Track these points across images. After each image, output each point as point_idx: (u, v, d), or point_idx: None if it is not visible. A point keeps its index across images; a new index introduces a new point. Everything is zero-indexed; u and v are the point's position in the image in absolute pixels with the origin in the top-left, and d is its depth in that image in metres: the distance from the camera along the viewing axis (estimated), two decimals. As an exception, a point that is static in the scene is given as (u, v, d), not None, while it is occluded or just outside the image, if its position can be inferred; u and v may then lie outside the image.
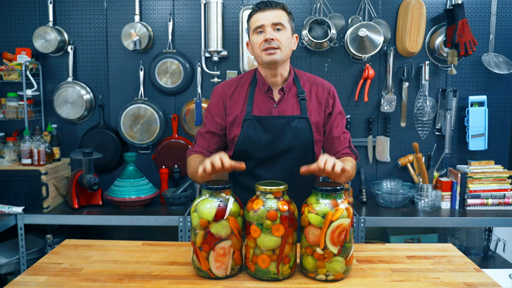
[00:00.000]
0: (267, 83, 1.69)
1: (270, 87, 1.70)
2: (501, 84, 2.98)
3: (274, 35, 1.59)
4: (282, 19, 1.61)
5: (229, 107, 1.72)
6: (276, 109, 1.68)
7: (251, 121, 1.67)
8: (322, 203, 1.31)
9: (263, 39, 1.60)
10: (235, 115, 1.70)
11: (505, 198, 2.75)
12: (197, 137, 1.77)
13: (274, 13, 1.61)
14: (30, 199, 2.67)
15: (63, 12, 2.98)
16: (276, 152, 1.68)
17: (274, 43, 1.59)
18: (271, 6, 1.61)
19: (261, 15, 1.61)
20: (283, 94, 1.69)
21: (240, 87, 1.74)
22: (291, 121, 1.67)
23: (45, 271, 1.41)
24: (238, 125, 1.69)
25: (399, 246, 1.69)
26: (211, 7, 2.87)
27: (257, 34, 1.62)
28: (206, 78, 2.98)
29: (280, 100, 1.69)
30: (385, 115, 2.98)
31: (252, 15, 1.65)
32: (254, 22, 1.63)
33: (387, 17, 2.91)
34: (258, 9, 1.63)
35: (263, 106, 1.69)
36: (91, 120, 3.05)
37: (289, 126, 1.66)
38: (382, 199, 2.81)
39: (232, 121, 1.70)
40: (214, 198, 1.33)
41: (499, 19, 2.92)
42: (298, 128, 1.67)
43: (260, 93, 1.71)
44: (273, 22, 1.60)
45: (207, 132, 1.74)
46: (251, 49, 1.68)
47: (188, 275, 1.38)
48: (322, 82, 1.76)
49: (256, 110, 1.69)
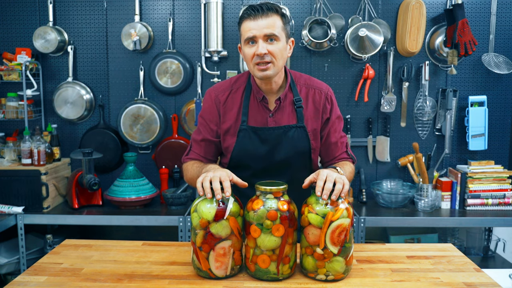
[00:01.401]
0: (262, 92, 1.62)
1: (264, 97, 1.62)
2: (501, 84, 2.98)
3: (267, 47, 1.48)
4: (275, 28, 1.49)
5: (223, 115, 1.65)
6: (272, 119, 1.62)
7: (247, 132, 1.61)
8: (322, 203, 1.31)
9: (255, 52, 1.49)
10: (229, 124, 1.64)
11: (505, 198, 2.75)
12: (193, 144, 1.70)
13: (266, 22, 1.48)
14: (30, 199, 2.67)
15: (63, 12, 2.98)
16: (273, 163, 1.63)
17: (267, 57, 1.49)
18: (263, 13, 1.48)
19: (252, 24, 1.48)
20: (279, 104, 1.62)
21: (234, 93, 1.65)
22: (287, 131, 1.61)
23: (45, 271, 1.41)
24: (233, 134, 1.63)
25: (399, 246, 1.69)
26: (211, 7, 2.87)
27: (248, 45, 1.51)
28: (206, 78, 2.98)
29: (275, 109, 1.62)
30: (385, 115, 2.98)
31: (242, 21, 1.53)
32: (245, 31, 1.51)
33: (387, 17, 2.91)
34: (248, 16, 1.50)
35: (258, 115, 1.62)
36: (91, 120, 3.05)
37: (285, 136, 1.61)
38: (382, 199, 2.81)
39: (227, 130, 1.64)
40: (214, 198, 1.33)
41: (499, 19, 2.92)
42: (295, 137, 1.61)
43: (254, 101, 1.64)
44: (265, 33, 1.48)
45: (202, 140, 1.67)
46: (243, 56, 1.57)
47: (188, 275, 1.38)
48: (320, 86, 1.68)
49: (251, 120, 1.62)
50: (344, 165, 1.63)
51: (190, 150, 1.72)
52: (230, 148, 1.64)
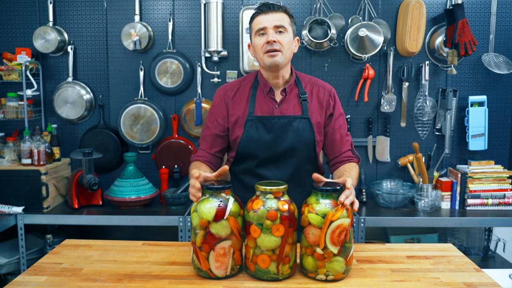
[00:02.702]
0: (269, 84, 1.71)
1: (271, 88, 1.71)
2: (501, 84, 2.98)
3: (276, 37, 1.61)
4: (284, 22, 1.63)
5: (231, 108, 1.73)
6: (278, 110, 1.70)
7: (253, 122, 1.69)
8: (322, 203, 1.31)
9: (265, 41, 1.61)
10: (237, 116, 1.72)
11: (505, 198, 2.75)
12: (200, 142, 1.79)
13: (276, 16, 1.62)
14: (30, 199, 2.67)
15: (63, 12, 2.98)
16: (278, 152, 1.69)
17: (276, 45, 1.61)
18: (274, 9, 1.63)
19: (263, 17, 1.63)
20: (285, 95, 1.71)
21: (242, 89, 1.75)
22: (292, 121, 1.68)
23: (45, 271, 1.41)
24: (240, 126, 1.70)
25: (399, 246, 1.69)
26: (211, 7, 2.87)
27: (259, 36, 1.64)
28: (206, 78, 2.98)
29: (282, 100, 1.71)
30: (385, 115, 2.98)
31: (254, 17, 1.67)
32: (257, 24, 1.65)
33: (387, 17, 2.91)
34: (260, 12, 1.64)
35: (265, 106, 1.71)
36: (91, 120, 3.05)
37: (290, 126, 1.68)
38: (382, 199, 2.81)
39: (235, 122, 1.72)
40: (214, 198, 1.33)
41: (499, 19, 2.92)
42: (299, 128, 1.68)
43: (261, 94, 1.72)
44: (275, 24, 1.61)
45: (210, 134, 1.75)
46: (253, 51, 1.70)
47: (188, 275, 1.38)
48: (323, 84, 1.78)
49: (258, 111, 1.70)
50: (351, 171, 1.66)
51: (198, 148, 1.78)
52: (238, 140, 1.70)
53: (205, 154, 1.74)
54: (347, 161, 1.74)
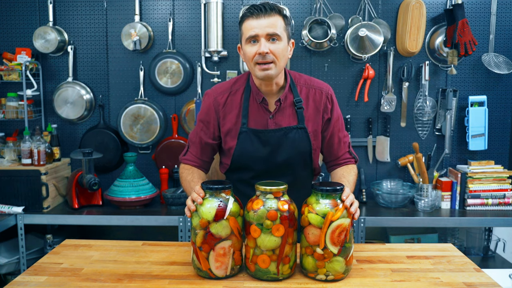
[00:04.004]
0: (261, 94, 1.60)
1: (264, 98, 1.60)
2: (501, 84, 2.98)
3: (269, 47, 1.47)
4: (277, 27, 1.48)
5: (223, 117, 1.63)
6: (272, 121, 1.61)
7: (247, 134, 1.60)
8: (322, 203, 1.31)
9: (257, 51, 1.48)
10: (229, 126, 1.63)
11: (505, 198, 2.75)
12: (190, 145, 1.71)
13: (269, 21, 1.47)
14: (30, 199, 2.67)
15: (63, 12, 2.98)
16: (275, 165, 1.63)
17: (269, 56, 1.47)
18: (266, 12, 1.47)
19: (255, 23, 1.47)
20: (279, 105, 1.61)
21: (233, 95, 1.63)
22: (288, 132, 1.60)
23: (45, 271, 1.41)
24: (234, 136, 1.62)
25: (399, 246, 1.69)
26: (211, 7, 2.87)
27: (250, 44, 1.50)
28: (206, 78, 2.98)
29: (276, 110, 1.61)
30: (385, 115, 2.98)
31: (244, 20, 1.51)
32: (248, 30, 1.49)
33: (387, 17, 2.91)
34: (251, 15, 1.49)
35: (258, 117, 1.61)
36: (91, 120, 3.05)
37: (286, 138, 1.60)
38: (382, 199, 2.81)
39: (227, 132, 1.64)
40: (214, 198, 1.33)
41: (499, 19, 2.92)
42: (296, 139, 1.60)
43: (255, 103, 1.62)
44: (268, 32, 1.47)
45: (199, 141, 1.68)
46: (243, 57, 1.56)
47: (188, 275, 1.38)
48: (320, 85, 1.67)
49: (251, 122, 1.61)
50: (349, 175, 1.64)
51: (188, 151, 1.72)
52: (232, 151, 1.63)
53: (196, 159, 1.69)
54: (345, 163, 1.72)
